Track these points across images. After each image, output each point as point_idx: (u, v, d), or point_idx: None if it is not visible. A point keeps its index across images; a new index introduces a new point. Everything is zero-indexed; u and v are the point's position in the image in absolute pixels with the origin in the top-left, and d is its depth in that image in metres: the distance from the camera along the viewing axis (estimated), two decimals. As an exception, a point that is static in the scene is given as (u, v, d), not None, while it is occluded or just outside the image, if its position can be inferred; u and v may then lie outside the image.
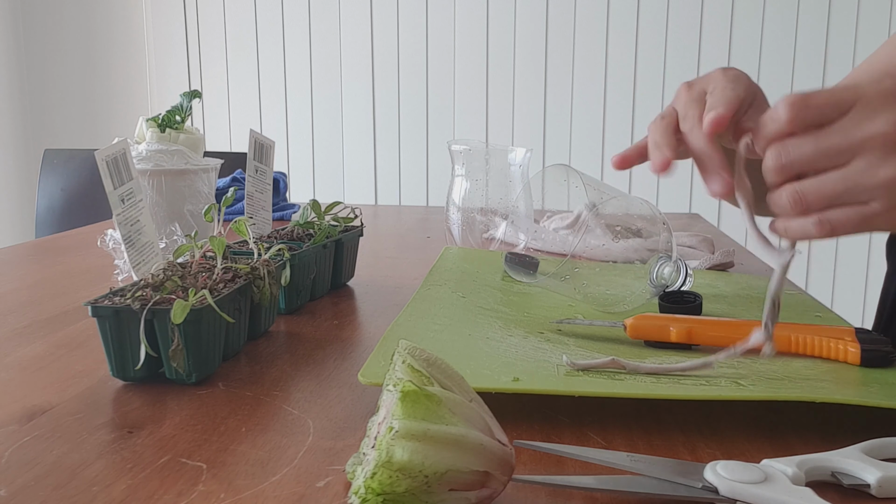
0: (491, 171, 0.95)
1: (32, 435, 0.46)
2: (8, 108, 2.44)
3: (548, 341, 0.59)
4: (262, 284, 0.62)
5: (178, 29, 2.46)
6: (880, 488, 0.39)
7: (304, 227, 0.81)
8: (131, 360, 0.53)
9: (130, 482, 0.40)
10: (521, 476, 0.39)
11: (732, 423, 0.48)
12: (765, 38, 2.25)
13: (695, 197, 2.29)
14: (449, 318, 0.63)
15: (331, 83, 2.43)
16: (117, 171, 0.59)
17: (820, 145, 0.42)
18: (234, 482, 0.40)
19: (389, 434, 0.33)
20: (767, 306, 0.48)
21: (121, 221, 0.59)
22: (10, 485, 0.40)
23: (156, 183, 0.94)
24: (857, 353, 0.54)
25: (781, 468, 0.39)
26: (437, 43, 2.37)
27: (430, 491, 0.33)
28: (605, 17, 2.29)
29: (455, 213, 0.96)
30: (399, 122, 2.42)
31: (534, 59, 2.33)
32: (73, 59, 2.50)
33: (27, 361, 0.60)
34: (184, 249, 0.63)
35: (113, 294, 0.55)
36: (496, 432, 0.36)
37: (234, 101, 2.47)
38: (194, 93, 1.01)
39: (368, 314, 0.75)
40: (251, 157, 0.81)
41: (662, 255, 0.69)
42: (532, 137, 2.35)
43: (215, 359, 0.57)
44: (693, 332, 0.58)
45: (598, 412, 0.50)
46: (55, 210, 1.78)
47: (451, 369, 0.38)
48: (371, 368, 0.50)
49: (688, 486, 0.38)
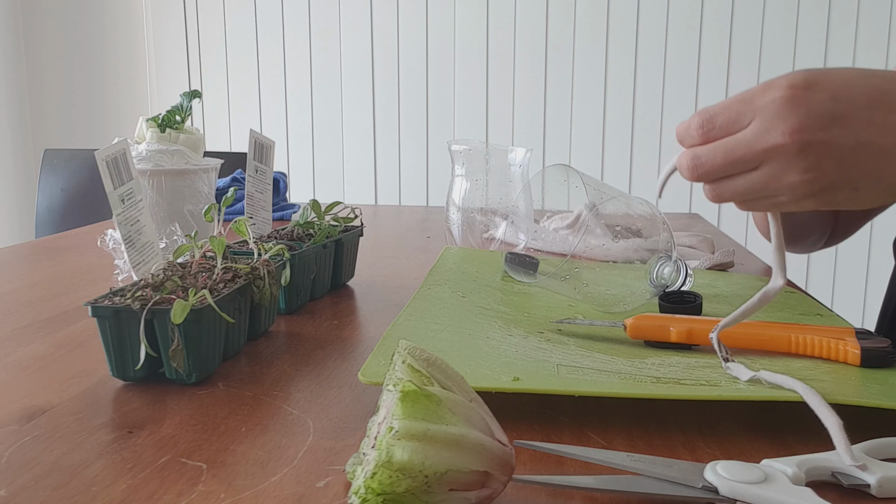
0: (491, 171, 0.95)
1: (32, 435, 0.46)
2: (8, 108, 2.44)
3: (548, 341, 0.59)
4: (262, 284, 0.62)
5: (178, 29, 2.46)
6: (880, 488, 0.39)
7: (304, 227, 0.81)
8: (131, 360, 0.53)
9: (130, 482, 0.40)
10: (521, 476, 0.39)
11: (732, 423, 0.48)
12: (765, 38, 2.25)
13: (695, 197, 2.29)
14: (449, 318, 0.63)
15: (331, 83, 2.43)
16: (117, 171, 0.59)
17: (728, 157, 0.48)
18: (234, 482, 0.40)
19: (389, 434, 0.33)
20: (737, 313, 0.54)
21: (121, 221, 0.59)
22: (10, 485, 0.40)
23: (156, 183, 0.94)
24: (858, 353, 0.54)
25: (781, 468, 0.39)
26: (437, 43, 2.36)
27: (430, 491, 0.33)
28: (605, 18, 2.29)
29: (455, 213, 0.96)
30: (399, 122, 2.42)
31: (534, 59, 2.33)
32: (74, 59, 2.50)
33: (27, 361, 0.60)
34: (184, 249, 0.63)
35: (113, 294, 0.55)
36: (496, 432, 0.36)
37: (234, 101, 2.47)
38: (194, 93, 1.01)
39: (368, 314, 0.75)
40: (251, 157, 0.81)
41: (662, 255, 0.69)
42: (532, 137, 2.35)
43: (215, 359, 0.57)
44: (693, 333, 0.58)
45: (598, 412, 0.50)
46: (55, 210, 1.78)
47: (451, 369, 0.38)
48: (371, 368, 0.50)
49: (688, 486, 0.38)
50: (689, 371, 0.53)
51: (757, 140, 0.46)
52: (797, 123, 0.45)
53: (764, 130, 0.46)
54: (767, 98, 0.46)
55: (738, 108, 0.48)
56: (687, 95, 2.29)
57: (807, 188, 0.47)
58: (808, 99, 0.46)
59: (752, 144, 0.46)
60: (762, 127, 0.46)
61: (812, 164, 0.46)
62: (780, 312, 0.70)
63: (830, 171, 0.46)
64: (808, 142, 0.45)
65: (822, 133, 0.45)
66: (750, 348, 0.58)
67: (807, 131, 0.45)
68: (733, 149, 0.47)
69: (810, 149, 0.45)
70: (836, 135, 0.46)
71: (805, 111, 0.46)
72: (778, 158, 0.46)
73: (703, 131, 0.48)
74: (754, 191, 0.48)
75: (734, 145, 0.47)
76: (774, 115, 0.46)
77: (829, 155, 0.46)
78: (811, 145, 0.45)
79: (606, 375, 0.51)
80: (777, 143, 0.46)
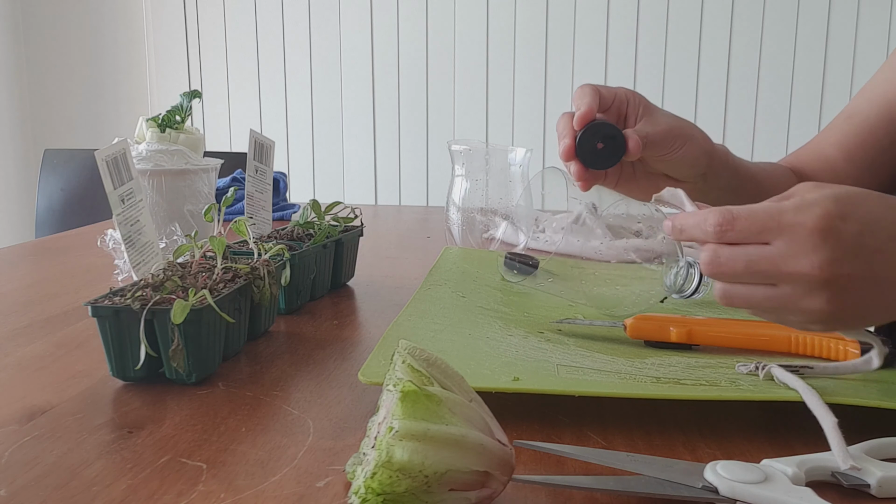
0: (491, 171, 0.95)
1: (32, 435, 0.46)
2: (8, 108, 2.44)
3: (548, 341, 0.59)
4: (262, 284, 0.62)
5: (178, 29, 2.46)
6: (880, 488, 0.39)
7: (304, 227, 0.81)
8: (131, 360, 0.53)
9: (130, 482, 0.40)
10: (521, 476, 0.39)
11: (732, 423, 0.48)
12: (765, 38, 2.25)
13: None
14: (449, 318, 0.63)
15: (331, 83, 2.43)
16: (117, 171, 0.59)
17: (750, 268, 0.46)
18: (234, 482, 0.40)
19: (389, 434, 0.33)
20: None
21: (121, 221, 0.59)
22: (10, 485, 0.40)
23: (156, 183, 0.94)
24: (858, 353, 0.54)
25: (781, 468, 0.39)
26: (437, 43, 2.36)
27: (430, 491, 0.33)
28: (605, 18, 2.29)
29: (455, 213, 0.96)
30: (399, 122, 2.42)
31: (534, 59, 2.33)
32: (74, 59, 2.50)
33: (27, 361, 0.60)
34: (184, 249, 0.63)
35: (113, 294, 0.55)
36: (496, 432, 0.36)
37: (234, 101, 2.47)
38: (194, 93, 1.01)
39: (368, 314, 0.75)
40: (251, 157, 0.81)
41: (681, 259, 0.69)
42: (532, 137, 2.35)
43: (215, 359, 0.57)
44: (693, 333, 0.58)
45: (598, 412, 0.50)
46: (55, 210, 1.78)
47: (451, 369, 0.38)
48: (371, 368, 0.50)
49: (688, 486, 0.38)
50: (689, 371, 0.53)
51: (784, 261, 0.45)
52: (829, 257, 0.44)
53: (793, 255, 0.45)
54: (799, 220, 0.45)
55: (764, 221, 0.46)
56: (687, 96, 2.29)
57: (821, 315, 0.46)
58: (840, 231, 0.45)
59: (778, 264, 0.45)
60: (791, 251, 0.45)
61: (834, 295, 0.45)
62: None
63: (849, 303, 0.46)
64: (837, 275, 0.45)
65: (849, 267, 0.45)
66: (750, 348, 0.58)
67: (836, 265, 0.45)
68: (757, 262, 0.46)
69: (836, 282, 0.45)
70: (860, 268, 0.45)
71: (836, 244, 0.45)
72: (801, 283, 0.45)
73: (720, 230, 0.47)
74: (769, 306, 0.47)
75: (758, 258, 0.46)
76: (806, 242, 0.45)
77: (851, 288, 0.45)
78: (839, 279, 0.45)
79: (606, 375, 0.51)
80: (804, 272, 0.45)
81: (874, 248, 0.45)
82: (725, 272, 0.47)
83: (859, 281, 0.45)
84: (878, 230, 0.46)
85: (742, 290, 0.47)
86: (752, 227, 0.46)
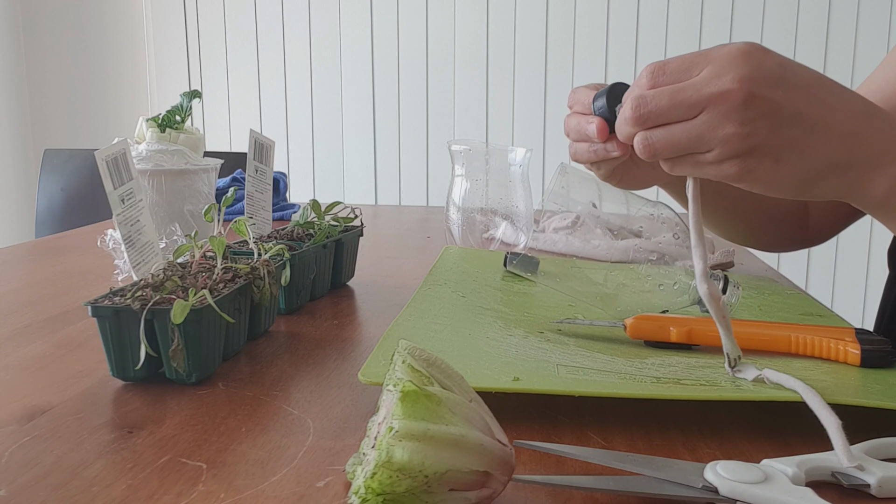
0: (491, 171, 0.95)
1: (32, 435, 0.46)
2: (8, 108, 2.44)
3: (548, 341, 0.59)
4: (262, 284, 0.62)
5: (178, 29, 2.46)
6: (880, 488, 0.39)
7: (304, 227, 0.81)
8: (131, 360, 0.53)
9: (130, 482, 0.40)
10: (521, 476, 0.39)
11: (732, 423, 0.48)
12: (765, 38, 2.25)
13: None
14: (449, 318, 0.63)
15: (331, 83, 2.43)
16: (117, 171, 0.59)
17: (674, 99, 0.48)
18: (234, 482, 0.40)
19: (389, 434, 0.33)
20: None
21: (121, 221, 0.59)
22: (10, 485, 0.40)
23: (156, 183, 0.94)
24: (858, 353, 0.54)
25: (781, 468, 0.39)
26: (437, 43, 2.36)
27: (430, 491, 0.33)
28: (605, 17, 2.29)
29: (455, 213, 0.96)
30: (399, 122, 2.42)
31: (534, 59, 2.33)
32: (73, 59, 2.50)
33: (27, 361, 0.60)
34: (184, 249, 0.63)
35: (113, 294, 0.55)
36: (496, 432, 0.36)
37: (234, 101, 2.47)
38: (194, 93, 1.01)
39: (368, 314, 0.75)
40: (251, 157, 0.81)
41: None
42: (532, 137, 2.35)
43: (215, 359, 0.57)
44: (693, 333, 0.58)
45: (598, 412, 0.50)
46: (55, 210, 1.78)
47: (451, 369, 0.38)
48: (371, 368, 0.50)
49: (688, 486, 0.38)
50: (689, 371, 0.53)
51: (705, 84, 0.47)
52: (748, 73, 0.47)
53: (714, 76, 0.47)
54: (724, 51, 0.48)
55: (692, 59, 0.49)
56: (687, 95, 2.29)
57: (737, 145, 0.47)
58: (760, 57, 0.48)
59: (700, 88, 0.48)
60: (713, 73, 0.48)
61: (750, 117, 0.47)
62: (780, 312, 0.70)
63: (763, 131, 0.47)
64: (753, 93, 0.47)
65: (767, 90, 0.47)
66: (750, 348, 0.58)
67: (755, 83, 0.47)
68: (680, 91, 0.48)
69: (753, 102, 0.47)
70: (779, 96, 0.47)
71: (757, 65, 0.47)
72: (721, 106, 0.47)
73: (653, 77, 0.49)
74: (689, 141, 0.48)
75: (682, 87, 0.48)
76: (727, 64, 0.47)
77: (767, 113, 0.47)
78: (755, 98, 0.47)
79: (606, 375, 0.51)
80: (724, 89, 0.47)
81: (795, 83, 0.48)
82: (652, 110, 0.49)
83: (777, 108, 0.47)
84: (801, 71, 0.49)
85: (661, 131, 0.49)
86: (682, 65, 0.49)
